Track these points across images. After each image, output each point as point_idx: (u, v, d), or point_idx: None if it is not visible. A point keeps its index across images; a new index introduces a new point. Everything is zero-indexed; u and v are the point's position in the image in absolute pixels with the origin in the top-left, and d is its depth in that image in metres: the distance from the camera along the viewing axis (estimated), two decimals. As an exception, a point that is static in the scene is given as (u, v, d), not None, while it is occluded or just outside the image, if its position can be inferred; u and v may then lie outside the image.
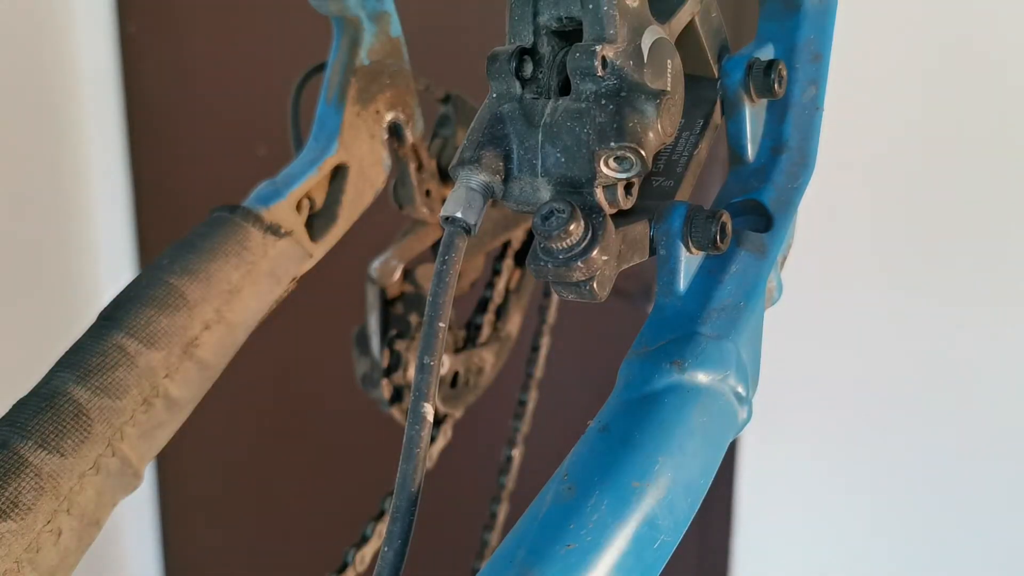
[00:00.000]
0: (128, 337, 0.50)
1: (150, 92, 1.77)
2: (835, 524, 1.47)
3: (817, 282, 1.34)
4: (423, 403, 0.38)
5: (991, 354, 1.33)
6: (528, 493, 0.38)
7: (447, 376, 0.76)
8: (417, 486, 0.37)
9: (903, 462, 1.40)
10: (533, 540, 0.34)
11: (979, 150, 1.29)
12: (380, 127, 0.65)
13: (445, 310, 0.39)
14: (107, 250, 1.80)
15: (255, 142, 1.61)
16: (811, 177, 0.47)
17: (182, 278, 0.53)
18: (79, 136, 1.73)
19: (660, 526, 0.35)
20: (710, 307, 0.41)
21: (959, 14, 1.27)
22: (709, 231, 0.41)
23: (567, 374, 1.39)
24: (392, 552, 0.36)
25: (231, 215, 0.57)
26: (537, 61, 0.42)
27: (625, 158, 0.39)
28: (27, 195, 1.67)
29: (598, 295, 0.39)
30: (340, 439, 1.77)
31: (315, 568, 0.76)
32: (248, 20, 1.69)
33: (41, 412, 0.46)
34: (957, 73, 1.28)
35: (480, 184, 0.41)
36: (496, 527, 0.83)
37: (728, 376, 0.40)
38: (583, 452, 0.37)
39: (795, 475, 1.46)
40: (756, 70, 0.47)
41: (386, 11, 0.65)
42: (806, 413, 1.43)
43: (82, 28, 1.70)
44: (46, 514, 0.44)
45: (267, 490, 1.89)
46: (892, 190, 1.34)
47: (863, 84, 1.27)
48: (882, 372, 1.39)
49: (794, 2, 0.50)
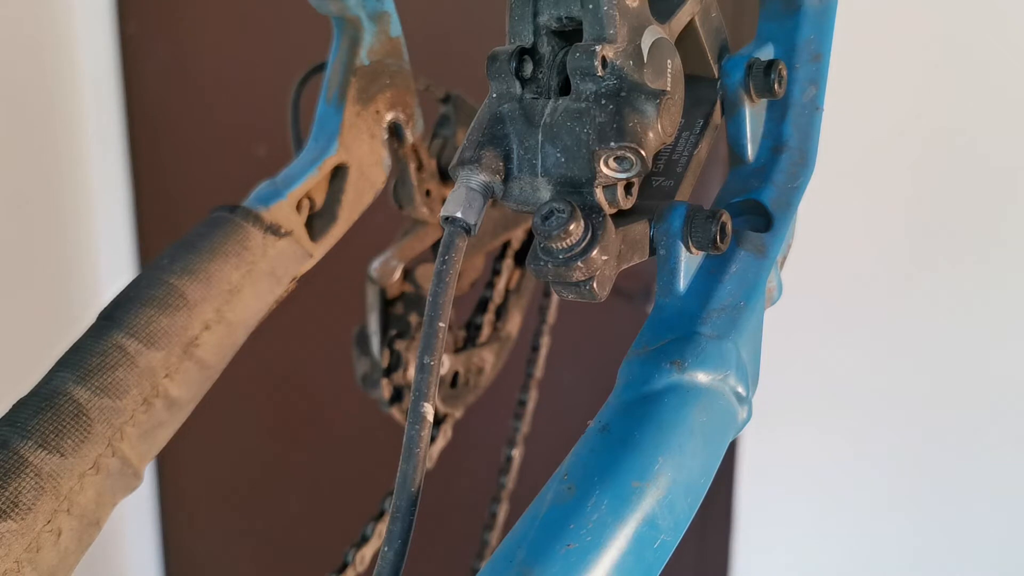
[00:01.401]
0: (128, 337, 0.50)
1: (150, 92, 1.77)
2: (835, 524, 1.47)
3: (818, 282, 1.34)
4: (423, 403, 0.38)
5: (991, 355, 1.33)
6: (528, 493, 0.38)
7: (447, 376, 0.76)
8: (417, 486, 0.37)
9: (903, 462, 1.40)
10: (533, 540, 0.34)
11: (979, 150, 1.29)
12: (380, 127, 0.65)
13: (445, 310, 0.39)
14: (107, 250, 1.80)
15: (255, 142, 1.61)
16: (811, 177, 0.47)
17: (182, 278, 0.53)
18: (79, 136, 1.73)
19: (660, 526, 0.35)
20: (710, 307, 0.41)
21: (959, 14, 1.27)
22: (709, 231, 0.41)
23: (567, 374, 1.39)
24: (392, 552, 0.36)
25: (231, 215, 0.57)
26: (537, 61, 0.42)
27: (625, 158, 0.39)
28: (27, 195, 1.67)
29: (598, 295, 0.39)
30: (340, 439, 1.77)
31: (315, 568, 0.76)
32: (248, 20, 1.69)
33: (41, 412, 0.46)
34: (957, 72, 1.28)
35: (480, 184, 0.41)
36: (496, 527, 0.83)
37: (728, 376, 0.40)
38: (583, 452, 0.37)
39: (795, 475, 1.46)
40: (756, 70, 0.47)
41: (386, 11, 0.65)
42: (806, 413, 1.43)
43: (82, 28, 1.70)
44: (46, 514, 0.44)
45: (267, 490, 1.89)
46: (891, 190, 1.34)
47: (862, 84, 1.27)
48: (883, 372, 1.39)
49: (794, 2, 0.50)
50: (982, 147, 1.29)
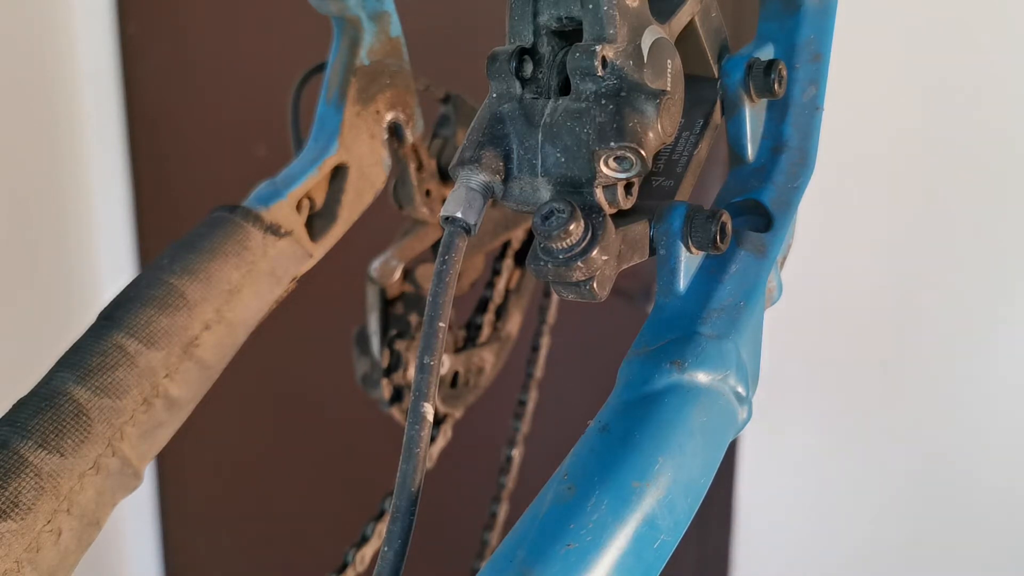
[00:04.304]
0: (128, 337, 0.50)
1: (150, 92, 1.77)
2: (835, 524, 1.47)
3: (819, 282, 1.34)
4: (423, 403, 0.38)
5: (992, 354, 1.33)
6: (528, 493, 0.38)
7: (447, 376, 0.76)
8: (417, 486, 0.37)
9: (903, 462, 1.40)
10: (533, 540, 0.34)
11: (979, 150, 1.29)
12: (380, 127, 0.65)
13: (445, 310, 0.39)
14: (107, 250, 1.80)
15: (255, 142, 1.61)
16: (811, 177, 0.47)
17: (182, 278, 0.53)
18: (79, 136, 1.73)
19: (660, 526, 0.35)
20: (710, 307, 0.41)
21: (959, 14, 1.27)
22: (709, 231, 0.41)
23: (567, 374, 1.39)
24: (392, 552, 0.36)
25: (231, 215, 0.57)
26: (537, 61, 0.42)
27: (625, 158, 0.39)
28: (27, 195, 1.67)
29: (598, 295, 0.39)
30: (340, 439, 1.77)
31: (315, 568, 0.76)
32: (248, 20, 1.69)
33: (41, 412, 0.46)
34: (957, 73, 1.28)
35: (480, 184, 0.41)
36: (496, 527, 0.83)
37: (728, 376, 0.40)
38: (583, 452, 0.37)
39: (795, 474, 1.46)
40: (756, 70, 0.47)
41: (386, 11, 0.65)
42: (806, 412, 1.43)
43: (82, 28, 1.70)
44: (46, 514, 0.44)
45: (267, 490, 1.89)
46: (892, 188, 1.34)
47: (863, 84, 1.27)
48: (883, 372, 1.39)
49: (794, 2, 0.50)
50: (983, 147, 1.29)
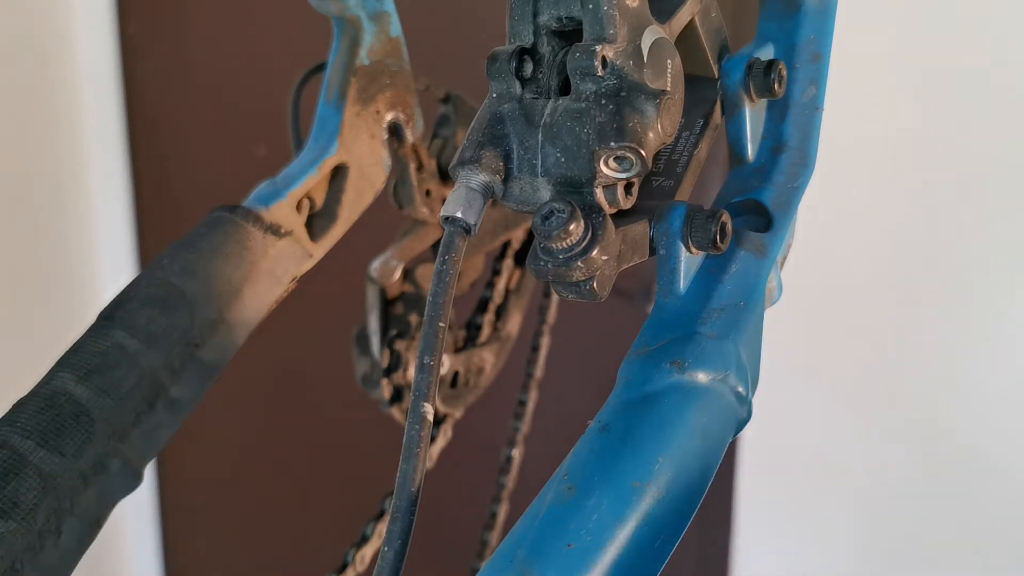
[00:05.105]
0: (128, 337, 0.50)
1: (150, 92, 1.77)
2: (835, 523, 1.47)
3: (819, 281, 1.34)
4: (423, 403, 0.38)
5: (992, 355, 1.33)
6: (528, 493, 0.38)
7: (447, 376, 0.76)
8: (417, 486, 0.37)
9: (903, 463, 1.40)
10: (533, 540, 0.34)
11: (979, 150, 1.29)
12: (380, 127, 0.65)
13: (445, 310, 0.39)
14: (107, 250, 1.80)
15: (255, 142, 1.61)
16: (811, 177, 0.47)
17: (182, 278, 0.53)
18: (79, 136, 1.73)
19: (660, 526, 0.35)
20: (710, 307, 0.41)
21: (958, 15, 1.27)
22: (709, 231, 0.41)
23: (567, 374, 1.39)
24: (392, 552, 0.36)
25: (231, 215, 0.57)
26: (537, 61, 0.42)
27: (625, 158, 0.39)
28: (27, 195, 1.67)
29: (598, 295, 0.39)
30: (340, 439, 1.77)
31: (315, 568, 0.76)
32: (248, 20, 1.69)
33: (41, 412, 0.46)
34: (957, 72, 1.28)
35: (480, 184, 0.41)
36: (496, 527, 0.83)
37: (728, 376, 0.40)
38: (583, 452, 0.37)
39: (795, 473, 1.46)
40: (756, 70, 0.47)
41: (386, 11, 0.65)
42: (807, 413, 1.43)
43: (82, 28, 1.70)
44: (46, 514, 0.44)
45: (267, 490, 1.89)
46: (891, 188, 1.34)
47: (862, 84, 1.27)
48: (883, 373, 1.39)
49: (794, 2, 0.50)
50: (982, 147, 1.29)
